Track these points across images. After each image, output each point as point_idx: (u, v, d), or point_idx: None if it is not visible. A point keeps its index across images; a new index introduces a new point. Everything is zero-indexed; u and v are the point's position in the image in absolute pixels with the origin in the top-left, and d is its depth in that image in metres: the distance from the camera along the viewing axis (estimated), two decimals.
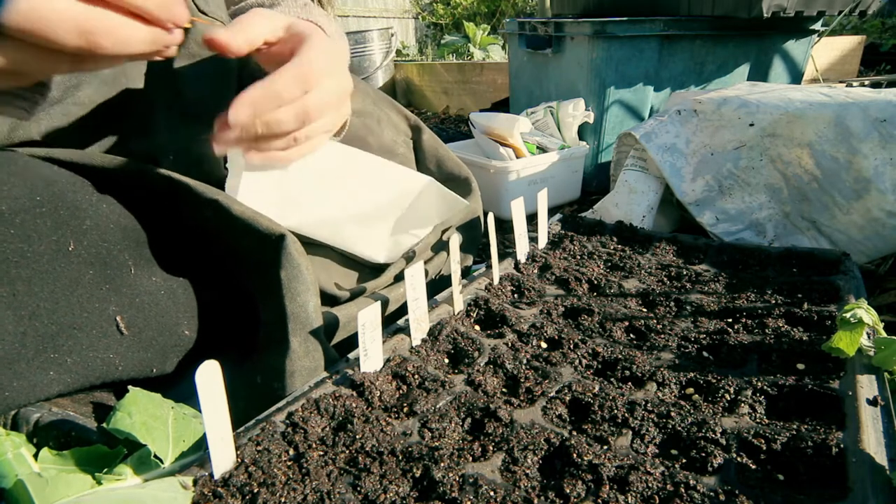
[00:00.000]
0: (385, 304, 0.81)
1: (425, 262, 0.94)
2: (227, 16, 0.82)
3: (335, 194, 0.82)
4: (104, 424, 0.56)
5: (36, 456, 0.54)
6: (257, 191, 0.74)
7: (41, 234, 0.57)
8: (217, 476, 0.50)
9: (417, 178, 0.89)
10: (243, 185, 0.73)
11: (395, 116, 1.02)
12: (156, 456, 0.55)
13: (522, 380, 0.67)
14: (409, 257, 0.90)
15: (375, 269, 0.90)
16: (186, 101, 0.78)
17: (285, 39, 0.60)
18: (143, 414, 0.57)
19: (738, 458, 0.54)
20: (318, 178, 0.80)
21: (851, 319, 0.66)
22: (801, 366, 0.68)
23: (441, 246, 0.97)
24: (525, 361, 0.71)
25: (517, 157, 1.62)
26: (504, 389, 0.68)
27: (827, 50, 2.68)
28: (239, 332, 0.75)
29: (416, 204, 0.90)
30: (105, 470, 0.52)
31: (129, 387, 0.60)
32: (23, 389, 0.55)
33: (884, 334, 0.68)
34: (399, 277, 0.87)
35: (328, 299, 0.78)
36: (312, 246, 0.82)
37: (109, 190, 0.66)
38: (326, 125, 0.63)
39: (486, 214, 0.94)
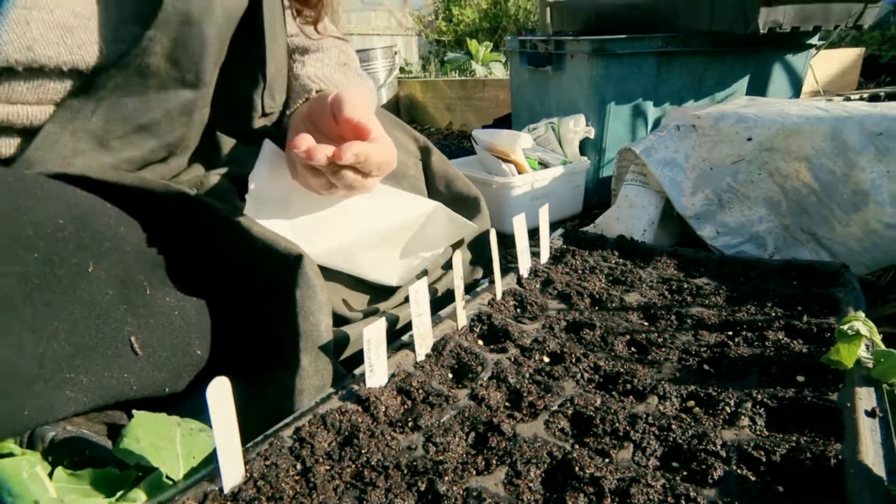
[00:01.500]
0: (394, 322, 0.83)
1: (435, 281, 0.95)
2: (282, 93, 0.88)
3: (344, 223, 0.84)
4: (113, 449, 0.58)
5: (51, 475, 0.55)
6: (267, 222, 0.76)
7: (62, 257, 0.58)
8: (227, 490, 0.51)
9: (425, 204, 0.91)
10: (253, 216, 0.75)
11: (404, 138, 1.04)
12: (168, 476, 0.57)
13: (525, 394, 0.68)
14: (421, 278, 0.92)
15: (387, 291, 0.92)
16: (220, 159, 0.84)
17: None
18: (150, 436, 0.58)
19: (738, 471, 0.55)
20: (327, 208, 0.82)
21: (849, 332, 0.67)
22: (800, 378, 0.69)
23: (450, 264, 0.99)
24: (528, 376, 0.72)
25: (519, 173, 1.64)
26: (507, 403, 0.69)
27: (826, 62, 2.70)
28: (250, 351, 0.77)
29: (424, 229, 0.91)
30: (119, 494, 0.54)
31: (134, 411, 0.61)
32: (41, 409, 0.56)
33: (882, 346, 0.69)
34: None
35: (341, 321, 0.79)
36: (325, 269, 0.84)
37: (133, 209, 0.68)
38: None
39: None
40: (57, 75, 0.64)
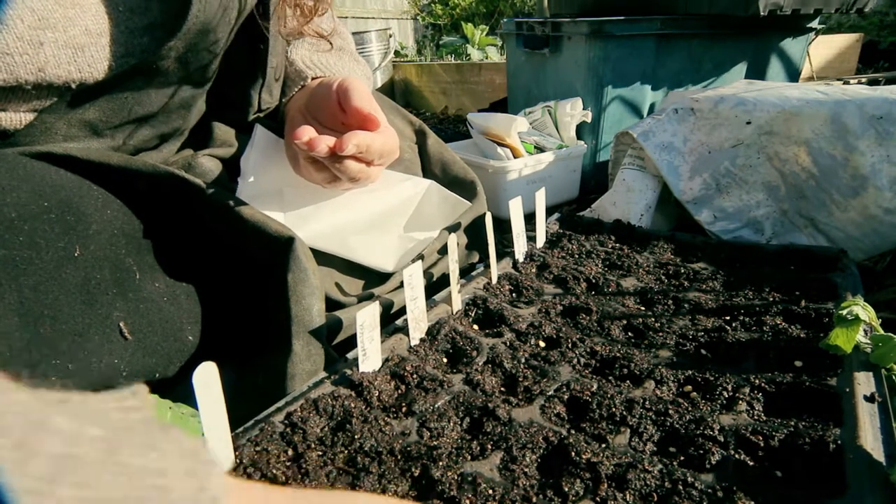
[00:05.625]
0: (389, 307, 0.82)
1: (432, 265, 0.94)
2: (279, 89, 0.86)
3: (339, 206, 0.83)
4: None
5: None
6: (259, 205, 0.75)
7: (48, 240, 0.57)
8: None
9: (418, 183, 0.89)
10: (245, 199, 0.74)
11: (399, 122, 1.02)
12: None
13: (521, 379, 0.67)
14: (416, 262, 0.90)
15: (381, 276, 0.90)
16: (213, 142, 0.82)
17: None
18: None
19: (736, 456, 0.54)
20: (321, 191, 0.81)
21: (848, 316, 0.66)
22: (798, 363, 0.68)
23: (447, 249, 0.98)
24: (523, 360, 0.71)
25: (515, 157, 1.62)
26: (502, 388, 0.68)
27: (825, 48, 2.68)
28: (242, 335, 0.76)
29: (419, 209, 0.90)
30: None
31: None
32: None
33: (881, 331, 0.68)
34: None
35: (334, 306, 0.78)
36: (320, 254, 0.82)
37: (120, 191, 0.66)
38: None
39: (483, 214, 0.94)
40: (60, 90, 0.62)
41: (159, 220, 0.69)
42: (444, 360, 0.74)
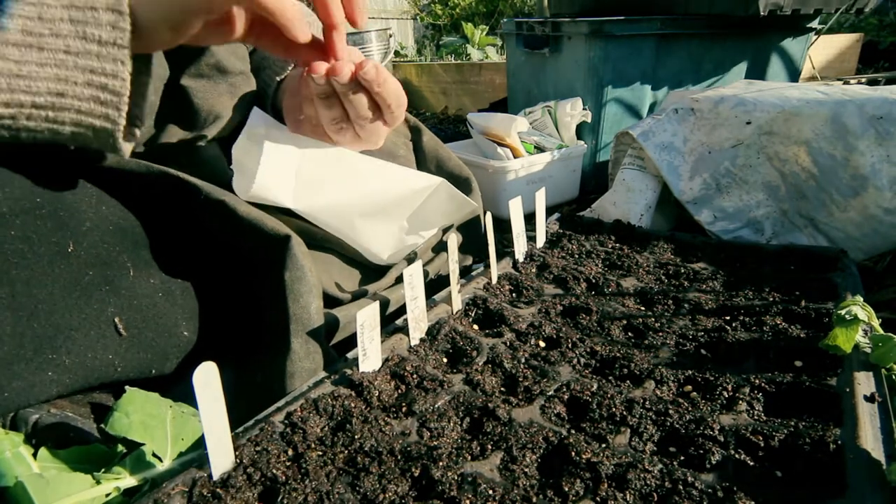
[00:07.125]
0: (385, 305, 0.82)
1: (426, 264, 0.94)
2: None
3: (348, 186, 0.82)
4: (102, 425, 0.57)
5: (35, 456, 0.54)
6: (276, 170, 0.74)
7: (41, 235, 0.57)
8: (216, 477, 0.50)
9: (429, 179, 0.89)
10: (263, 163, 0.72)
11: None
12: (155, 454, 0.55)
13: (521, 379, 0.67)
14: (411, 259, 0.90)
15: (377, 271, 0.90)
16: (198, 115, 0.80)
17: None
18: (140, 413, 0.57)
19: (737, 455, 0.54)
20: (335, 169, 0.81)
21: (847, 316, 0.66)
22: (798, 363, 0.68)
23: (442, 247, 0.98)
24: (523, 360, 0.71)
25: (515, 157, 1.62)
26: (502, 388, 0.68)
27: (825, 48, 2.68)
28: (240, 333, 0.76)
29: (425, 204, 0.90)
30: (103, 470, 0.53)
31: (127, 387, 0.60)
32: (21, 390, 0.55)
33: (880, 331, 0.68)
34: (400, 279, 0.88)
35: (330, 301, 0.78)
36: (315, 246, 0.82)
37: (116, 189, 0.66)
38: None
39: (484, 214, 0.94)
40: None
41: (155, 216, 0.69)
42: (444, 360, 0.74)
